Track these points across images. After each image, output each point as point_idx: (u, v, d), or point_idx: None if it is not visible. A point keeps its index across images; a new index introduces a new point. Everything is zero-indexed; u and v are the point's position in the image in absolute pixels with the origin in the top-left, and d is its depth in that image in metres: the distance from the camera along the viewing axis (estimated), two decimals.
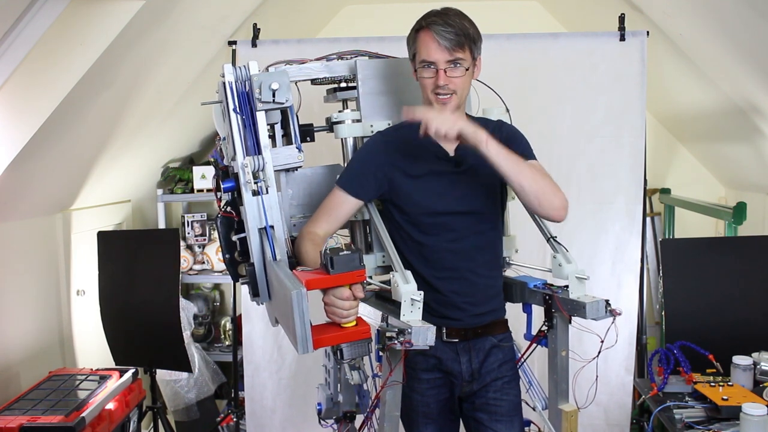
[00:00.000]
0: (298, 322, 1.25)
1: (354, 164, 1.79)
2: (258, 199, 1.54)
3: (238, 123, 1.54)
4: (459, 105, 1.72)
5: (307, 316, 1.27)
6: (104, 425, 2.22)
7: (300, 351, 1.27)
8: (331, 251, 1.36)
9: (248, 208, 1.54)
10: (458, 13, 1.69)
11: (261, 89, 1.54)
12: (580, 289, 1.68)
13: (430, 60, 1.66)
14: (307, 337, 1.27)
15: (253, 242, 1.56)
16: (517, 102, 2.00)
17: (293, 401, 2.99)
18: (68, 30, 1.96)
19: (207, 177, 3.44)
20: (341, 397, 1.81)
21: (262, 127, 1.56)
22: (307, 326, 1.27)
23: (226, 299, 3.96)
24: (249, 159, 1.51)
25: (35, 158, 2.28)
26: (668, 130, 3.71)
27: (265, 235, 1.54)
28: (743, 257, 2.57)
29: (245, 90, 1.55)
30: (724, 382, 2.12)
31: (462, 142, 1.65)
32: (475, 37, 1.68)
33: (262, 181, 1.53)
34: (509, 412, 1.80)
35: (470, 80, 1.73)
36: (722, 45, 2.45)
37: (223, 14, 2.79)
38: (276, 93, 1.55)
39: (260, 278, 1.57)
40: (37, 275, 2.65)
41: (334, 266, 1.34)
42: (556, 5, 3.59)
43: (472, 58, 1.69)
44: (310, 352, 1.29)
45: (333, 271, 1.34)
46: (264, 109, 1.56)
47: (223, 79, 1.56)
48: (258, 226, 1.55)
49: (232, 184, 1.59)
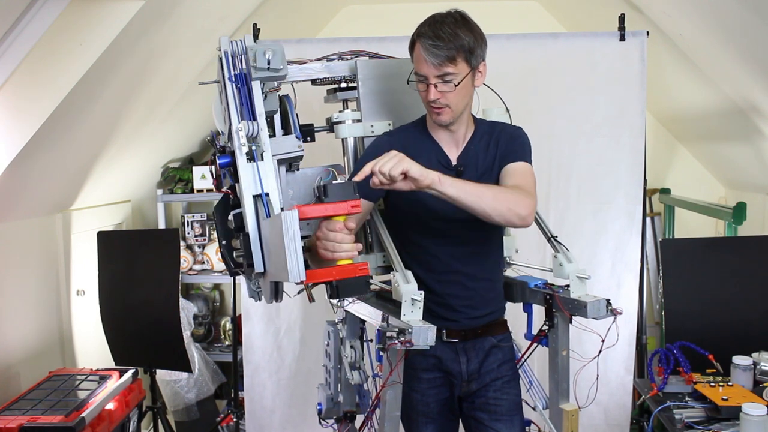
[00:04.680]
0: (289, 247, 1.17)
1: (361, 165, 1.78)
2: (253, 165, 1.48)
3: (233, 92, 1.52)
4: (455, 117, 1.68)
5: (298, 241, 1.18)
6: (104, 425, 2.22)
7: (291, 278, 1.17)
8: (324, 181, 1.29)
9: (243, 174, 1.46)
10: (456, 21, 1.61)
11: (256, 57, 1.52)
12: (581, 289, 1.68)
13: (421, 74, 1.63)
14: (299, 263, 1.17)
15: (248, 210, 1.47)
16: (517, 102, 2.00)
17: (293, 401, 3.00)
18: (68, 30, 1.96)
19: (207, 177, 3.44)
20: (341, 397, 1.81)
21: (257, 95, 1.52)
22: (299, 251, 1.17)
23: (226, 299, 3.96)
24: (243, 123, 1.47)
25: (35, 158, 2.28)
26: (668, 130, 3.71)
27: (260, 202, 1.45)
28: (743, 257, 2.57)
29: (241, 64, 1.54)
30: (724, 382, 2.13)
31: (416, 186, 1.51)
32: (471, 47, 1.60)
33: (256, 146, 1.50)
34: (509, 411, 1.80)
35: (467, 91, 1.66)
36: (722, 45, 2.45)
37: (223, 14, 2.79)
38: (270, 61, 1.52)
39: (254, 245, 1.46)
40: (36, 275, 2.64)
41: (327, 194, 1.27)
42: (556, 5, 3.59)
43: (470, 68, 1.62)
44: (302, 279, 1.19)
45: (327, 200, 1.26)
46: (259, 77, 1.54)
47: (219, 52, 1.55)
48: (253, 192, 1.47)
49: (228, 159, 1.54)
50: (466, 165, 1.73)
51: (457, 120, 1.70)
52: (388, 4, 3.58)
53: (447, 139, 1.75)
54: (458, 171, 1.73)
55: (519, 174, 1.70)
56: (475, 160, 1.74)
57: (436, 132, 1.75)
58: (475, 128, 1.78)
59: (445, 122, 1.69)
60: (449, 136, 1.75)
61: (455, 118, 1.69)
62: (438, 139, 1.76)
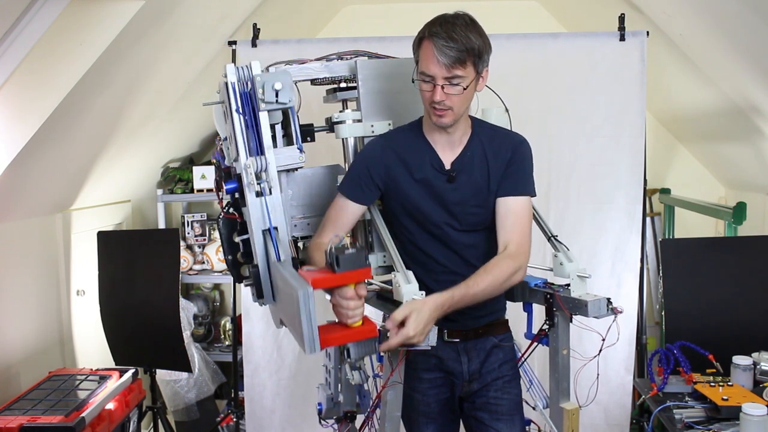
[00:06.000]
0: (305, 322, 1.25)
1: (353, 169, 1.78)
2: (261, 200, 1.52)
3: (240, 124, 1.53)
4: (455, 120, 1.67)
5: (314, 316, 1.26)
6: (104, 425, 2.22)
7: (307, 351, 1.27)
8: (336, 250, 1.34)
9: (251, 209, 1.52)
10: (467, 24, 1.59)
11: (264, 89, 1.53)
12: (581, 288, 1.68)
13: (429, 74, 1.60)
14: (314, 337, 1.26)
15: (257, 244, 1.54)
16: (517, 102, 2.00)
17: (293, 401, 2.99)
18: (68, 30, 1.96)
19: (207, 177, 3.44)
20: (342, 397, 1.81)
21: (264, 127, 1.55)
22: (314, 326, 1.26)
23: (226, 299, 3.96)
24: (251, 160, 1.50)
25: (35, 158, 2.28)
26: (668, 130, 3.71)
27: (268, 236, 1.52)
28: (743, 257, 2.57)
29: (247, 90, 1.54)
30: (724, 382, 2.12)
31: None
32: (480, 51, 1.59)
33: (265, 182, 1.52)
34: (510, 411, 1.80)
35: (470, 95, 1.64)
36: (722, 45, 2.45)
37: (223, 14, 2.79)
38: (279, 93, 1.53)
39: (264, 280, 1.55)
40: (37, 275, 2.64)
41: (339, 265, 1.33)
42: (556, 5, 3.59)
43: (476, 72, 1.61)
44: (318, 352, 1.28)
45: (339, 270, 1.33)
46: (267, 109, 1.55)
47: (224, 79, 1.55)
48: (261, 227, 1.53)
49: (235, 185, 1.58)
50: (459, 171, 1.71)
51: (456, 122, 1.69)
52: (388, 4, 3.58)
53: (442, 142, 1.73)
54: (450, 176, 1.71)
55: (516, 218, 1.70)
56: (470, 167, 1.72)
57: (431, 135, 1.73)
58: (472, 132, 1.75)
59: (446, 124, 1.67)
60: (445, 140, 1.72)
61: (455, 121, 1.67)
62: (433, 143, 1.73)
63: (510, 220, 1.70)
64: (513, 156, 1.73)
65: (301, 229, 1.86)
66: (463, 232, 1.73)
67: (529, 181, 1.74)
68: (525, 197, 1.72)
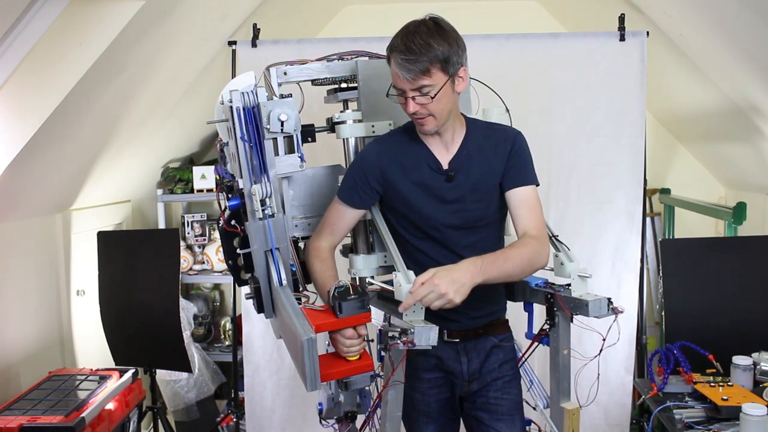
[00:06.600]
0: (308, 366, 1.33)
1: (350, 175, 1.77)
2: (264, 222, 1.53)
3: (245, 150, 1.53)
4: (440, 125, 1.66)
5: (316, 359, 1.34)
6: (104, 425, 2.22)
7: (309, 389, 1.35)
8: (339, 295, 1.45)
9: (254, 232, 1.54)
10: (428, 31, 1.56)
11: (270, 119, 1.53)
12: (582, 287, 1.68)
13: (398, 87, 1.61)
14: (316, 377, 1.35)
15: (259, 265, 1.57)
16: (517, 102, 2.00)
17: (293, 401, 2.99)
18: (68, 30, 1.96)
19: (207, 177, 3.44)
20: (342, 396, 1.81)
21: (269, 154, 1.56)
22: (317, 367, 1.34)
23: (226, 299, 3.96)
24: (256, 187, 1.50)
25: (35, 158, 2.28)
26: (668, 130, 3.72)
27: (270, 257, 1.55)
28: (743, 257, 2.58)
29: (251, 109, 1.53)
30: (724, 382, 2.13)
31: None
32: (446, 56, 1.56)
33: (269, 207, 1.52)
34: (510, 411, 1.80)
35: (448, 99, 1.62)
36: (722, 45, 2.45)
37: (223, 14, 2.79)
38: (284, 124, 1.54)
39: (266, 298, 1.60)
40: (36, 275, 2.64)
41: (342, 311, 1.44)
42: (556, 5, 3.60)
43: (448, 76, 1.58)
44: (318, 389, 1.40)
45: (341, 315, 1.44)
46: (272, 138, 1.56)
47: (228, 103, 1.54)
48: (264, 248, 1.55)
49: (238, 202, 1.59)
50: (457, 170, 1.71)
51: (442, 126, 1.68)
52: (388, 4, 3.58)
53: (437, 143, 1.73)
54: (449, 176, 1.71)
55: (529, 206, 1.71)
56: (468, 165, 1.72)
57: (425, 136, 1.73)
58: (466, 130, 1.75)
59: (430, 131, 1.67)
60: (439, 140, 1.73)
61: (440, 126, 1.67)
62: (428, 144, 1.73)
63: (524, 210, 1.71)
64: (513, 148, 1.73)
65: (302, 229, 1.86)
66: (462, 231, 1.73)
67: (532, 171, 1.76)
68: (532, 186, 1.74)
